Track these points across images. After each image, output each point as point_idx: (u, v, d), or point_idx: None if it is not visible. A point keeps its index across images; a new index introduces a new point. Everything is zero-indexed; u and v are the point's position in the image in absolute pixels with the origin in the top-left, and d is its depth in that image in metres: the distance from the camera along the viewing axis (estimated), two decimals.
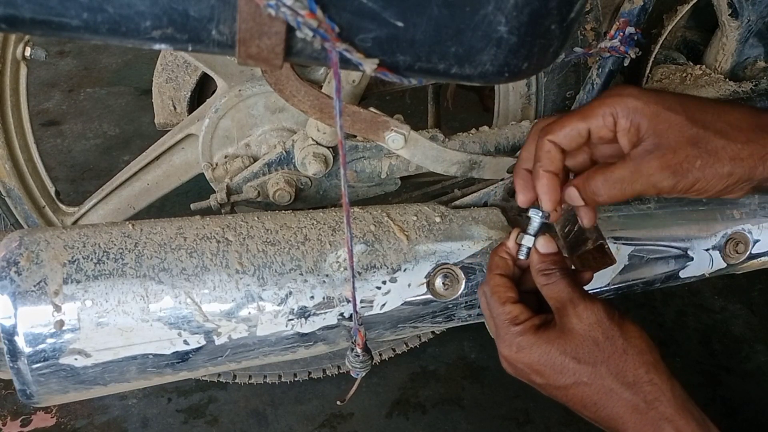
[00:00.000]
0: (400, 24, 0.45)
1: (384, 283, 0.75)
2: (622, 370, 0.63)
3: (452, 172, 0.83)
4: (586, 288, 0.70)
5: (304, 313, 0.73)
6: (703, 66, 1.03)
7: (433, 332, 1.25)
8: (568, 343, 0.64)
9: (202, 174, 0.95)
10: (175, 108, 1.02)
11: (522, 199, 0.69)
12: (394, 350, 1.24)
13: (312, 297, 0.72)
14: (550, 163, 0.66)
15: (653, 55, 1.03)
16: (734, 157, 0.60)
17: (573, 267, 0.74)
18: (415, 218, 0.78)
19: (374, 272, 0.74)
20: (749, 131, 0.61)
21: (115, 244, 0.68)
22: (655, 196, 0.64)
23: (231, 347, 0.72)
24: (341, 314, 0.74)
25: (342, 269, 0.73)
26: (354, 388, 0.79)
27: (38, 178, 0.97)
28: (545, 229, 0.71)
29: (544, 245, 0.70)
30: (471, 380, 1.34)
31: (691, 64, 1.06)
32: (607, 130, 0.63)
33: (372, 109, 0.76)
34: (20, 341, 0.64)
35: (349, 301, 0.72)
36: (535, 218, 0.70)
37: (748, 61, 1.01)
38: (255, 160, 0.90)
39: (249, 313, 0.71)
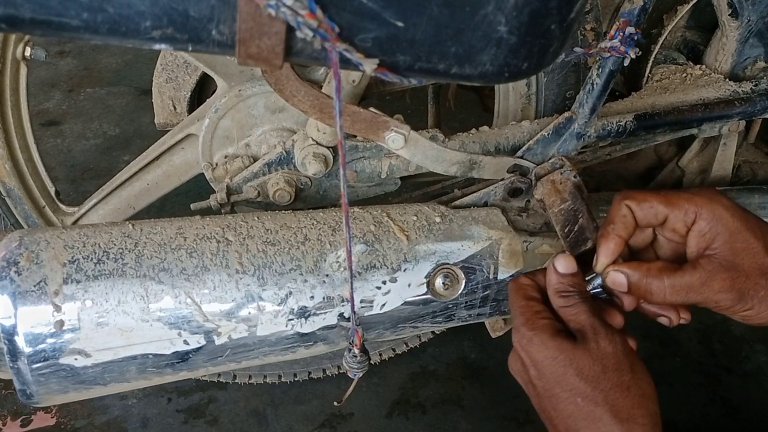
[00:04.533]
0: (400, 24, 0.45)
1: (384, 283, 0.75)
2: (619, 404, 0.62)
3: (452, 172, 0.83)
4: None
5: (304, 313, 0.73)
6: (703, 66, 1.03)
7: (433, 332, 1.25)
8: (577, 358, 0.64)
9: (202, 174, 0.95)
10: (175, 108, 1.02)
11: (603, 261, 0.68)
12: (394, 350, 1.24)
13: (312, 297, 0.72)
14: (623, 228, 0.67)
15: (653, 55, 1.03)
16: None
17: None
18: (415, 218, 0.78)
19: (374, 272, 0.74)
20: None
21: (115, 244, 0.68)
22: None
23: (231, 347, 0.72)
24: (341, 314, 0.74)
25: (342, 269, 0.73)
26: (351, 388, 0.79)
27: (38, 178, 0.97)
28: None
29: (564, 265, 0.68)
30: (471, 380, 1.34)
31: (691, 64, 1.06)
32: (683, 224, 0.65)
33: (372, 109, 0.76)
34: (20, 341, 0.64)
35: (349, 301, 0.72)
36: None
37: (748, 61, 1.01)
38: (255, 160, 0.90)
39: (249, 313, 0.71)
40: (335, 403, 1.24)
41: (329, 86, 0.82)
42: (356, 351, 0.72)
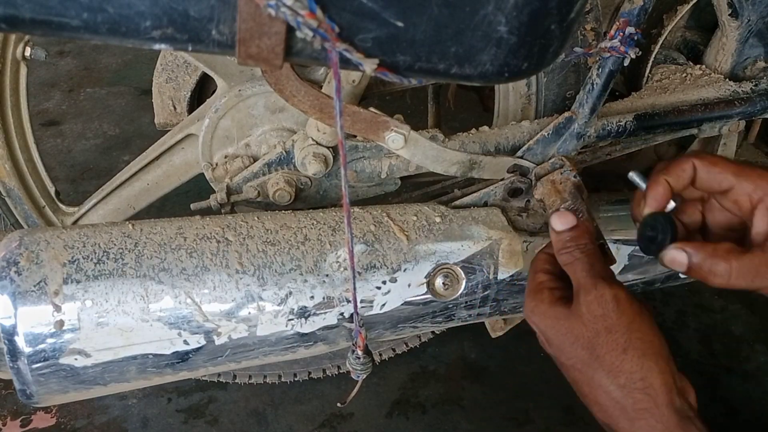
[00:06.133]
0: (400, 24, 0.45)
1: (384, 283, 0.75)
2: (617, 368, 0.60)
3: (452, 172, 0.83)
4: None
5: (304, 313, 0.73)
6: (703, 66, 1.03)
7: (433, 332, 1.25)
8: (572, 327, 0.62)
9: (202, 174, 0.95)
10: (175, 108, 1.02)
11: (650, 206, 0.66)
12: (394, 350, 1.24)
13: (312, 297, 0.72)
14: (676, 180, 0.65)
15: (653, 55, 1.03)
16: None
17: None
18: (415, 218, 0.78)
19: (374, 272, 0.74)
20: None
21: (115, 244, 0.68)
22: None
23: (231, 347, 0.72)
24: (341, 314, 0.74)
25: (342, 269, 0.73)
26: (355, 390, 0.79)
27: (38, 178, 0.97)
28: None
29: (559, 222, 0.67)
30: (471, 380, 1.34)
31: (691, 64, 1.05)
32: (747, 199, 0.62)
33: (372, 109, 0.76)
34: (20, 341, 0.64)
35: (349, 301, 0.72)
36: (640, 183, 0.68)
37: (748, 61, 1.01)
38: (255, 160, 0.90)
39: (249, 313, 0.71)
40: (338, 405, 1.24)
41: (329, 86, 0.82)
42: (359, 352, 0.72)
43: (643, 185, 0.67)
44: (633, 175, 0.69)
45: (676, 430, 0.58)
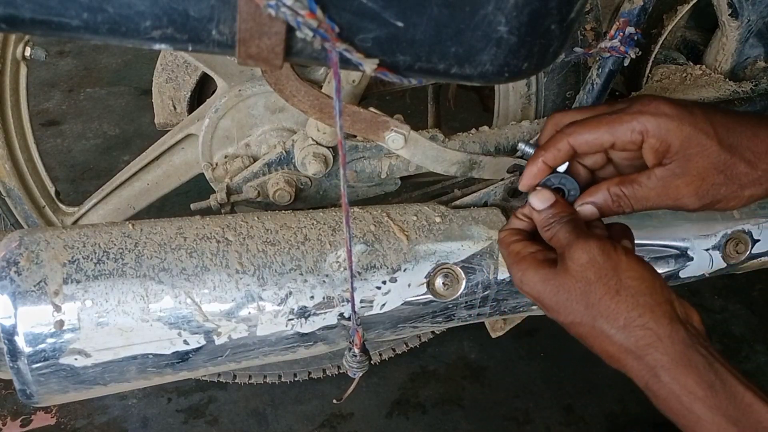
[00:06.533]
0: (400, 24, 0.45)
1: (384, 283, 0.75)
2: (614, 311, 0.60)
3: (452, 172, 0.83)
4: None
5: (304, 313, 0.73)
6: (703, 66, 1.03)
7: (433, 332, 1.25)
8: (563, 283, 0.62)
9: (202, 174, 0.95)
10: (175, 108, 1.02)
11: (524, 183, 0.69)
12: (394, 350, 1.24)
13: (312, 297, 0.72)
14: (553, 159, 0.66)
15: (653, 55, 1.03)
16: (755, 182, 0.63)
17: None
18: (415, 218, 0.78)
19: (374, 272, 0.74)
20: None
21: (115, 244, 0.68)
22: None
23: (231, 347, 0.72)
24: (341, 314, 0.74)
25: (342, 269, 0.73)
26: (352, 387, 0.79)
27: (38, 178, 0.97)
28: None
29: (538, 201, 0.67)
30: (471, 380, 1.34)
31: (691, 64, 1.06)
32: (632, 144, 0.64)
33: (372, 109, 0.76)
34: (20, 341, 0.64)
35: (349, 301, 0.72)
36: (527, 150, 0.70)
37: (748, 61, 1.01)
38: (255, 160, 0.90)
39: (249, 313, 0.71)
40: (334, 401, 1.24)
41: (329, 86, 0.82)
42: (356, 351, 0.72)
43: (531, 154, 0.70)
44: (522, 146, 0.71)
45: (681, 359, 0.58)
